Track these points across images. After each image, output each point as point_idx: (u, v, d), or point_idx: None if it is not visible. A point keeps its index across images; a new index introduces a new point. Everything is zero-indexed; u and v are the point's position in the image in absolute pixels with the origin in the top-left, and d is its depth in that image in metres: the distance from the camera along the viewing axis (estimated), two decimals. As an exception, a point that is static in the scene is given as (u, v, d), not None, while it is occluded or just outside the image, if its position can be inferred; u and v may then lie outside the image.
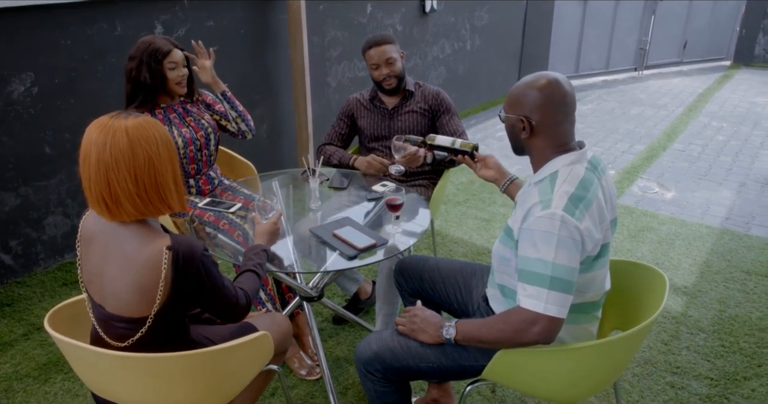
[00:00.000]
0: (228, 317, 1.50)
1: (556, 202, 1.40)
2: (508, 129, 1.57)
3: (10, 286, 2.90)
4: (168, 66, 2.21)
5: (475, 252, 3.28)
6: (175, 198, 1.38)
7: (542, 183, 1.47)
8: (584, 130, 5.52)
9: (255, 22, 3.69)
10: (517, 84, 1.54)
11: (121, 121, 1.31)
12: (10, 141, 2.78)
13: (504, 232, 1.58)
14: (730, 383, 2.27)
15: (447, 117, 2.60)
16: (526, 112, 1.49)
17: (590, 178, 1.46)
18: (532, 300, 1.39)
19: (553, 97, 1.46)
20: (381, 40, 2.50)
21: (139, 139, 1.30)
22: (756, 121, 5.81)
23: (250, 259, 1.69)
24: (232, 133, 2.51)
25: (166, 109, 2.33)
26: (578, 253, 1.39)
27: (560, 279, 1.37)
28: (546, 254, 1.37)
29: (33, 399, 2.20)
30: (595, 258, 1.46)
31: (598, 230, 1.43)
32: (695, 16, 7.91)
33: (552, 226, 1.37)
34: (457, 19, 5.48)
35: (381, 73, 2.51)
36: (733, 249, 3.29)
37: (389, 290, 2.30)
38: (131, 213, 1.32)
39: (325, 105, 4.37)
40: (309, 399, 2.21)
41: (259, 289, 1.67)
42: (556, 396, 1.61)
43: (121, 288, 1.33)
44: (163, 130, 1.37)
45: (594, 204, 1.43)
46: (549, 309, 1.37)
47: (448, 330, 1.54)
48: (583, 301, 1.53)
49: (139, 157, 1.30)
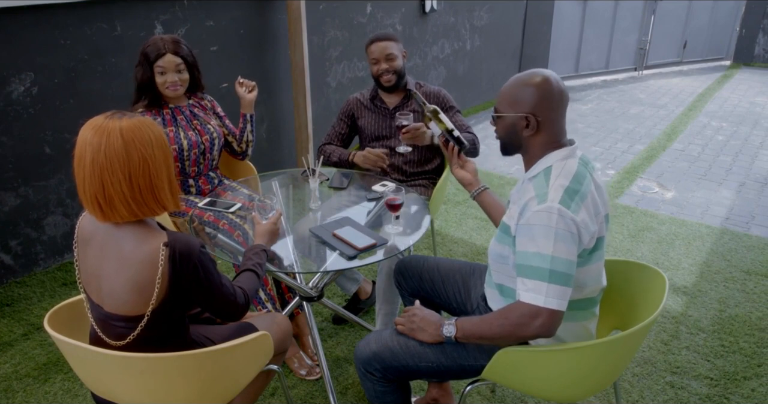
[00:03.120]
0: (226, 315, 1.50)
1: (551, 195, 1.41)
2: (506, 128, 1.55)
3: (9, 286, 2.90)
4: (157, 70, 2.21)
5: (474, 252, 3.28)
6: (169, 198, 1.38)
7: (537, 178, 1.49)
8: (584, 130, 5.52)
9: (254, 22, 3.69)
10: (509, 83, 1.53)
11: (115, 121, 1.29)
12: (9, 141, 2.78)
13: (500, 230, 1.58)
14: (729, 383, 2.27)
15: (450, 114, 2.60)
16: (529, 109, 1.49)
17: (583, 172, 1.48)
18: (532, 294, 1.39)
19: (552, 93, 1.48)
20: (383, 36, 2.53)
21: (133, 140, 1.29)
22: (756, 120, 5.81)
23: (250, 259, 1.69)
24: (234, 151, 2.55)
25: (174, 110, 2.33)
26: (575, 246, 1.40)
27: (559, 272, 1.38)
28: (544, 247, 1.38)
29: (33, 399, 2.20)
30: (591, 252, 1.48)
31: (593, 222, 1.45)
32: (695, 15, 7.91)
33: (549, 220, 1.38)
34: (456, 19, 5.48)
35: (380, 67, 2.52)
36: (732, 249, 3.29)
37: (389, 290, 2.30)
38: (123, 216, 1.32)
39: (325, 105, 4.37)
40: (309, 399, 2.21)
41: (259, 289, 1.67)
42: (556, 396, 1.61)
43: (118, 286, 1.33)
44: (158, 130, 1.36)
45: (588, 197, 1.45)
46: (549, 303, 1.38)
47: (448, 329, 1.54)
48: (582, 297, 1.53)
49: (133, 159, 1.29)
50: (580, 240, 1.41)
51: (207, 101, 2.47)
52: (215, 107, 2.48)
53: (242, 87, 2.46)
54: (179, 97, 2.33)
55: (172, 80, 2.23)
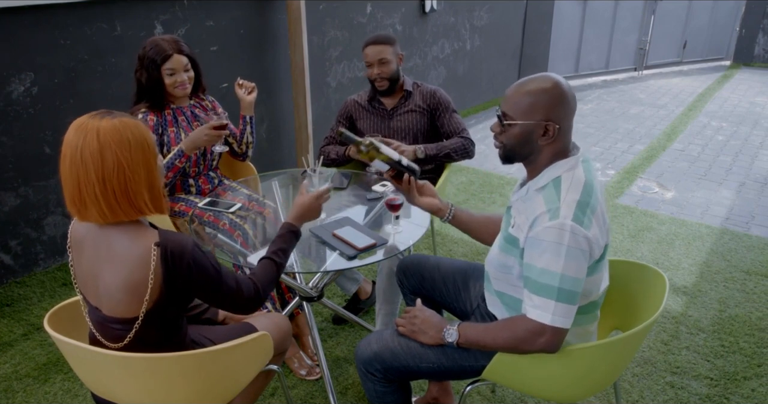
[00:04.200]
0: (235, 309, 1.47)
1: (564, 211, 1.37)
2: (519, 136, 1.46)
3: (9, 286, 2.90)
4: (166, 72, 2.21)
5: (474, 252, 3.28)
6: (148, 203, 1.32)
7: (546, 190, 1.44)
8: (584, 130, 5.52)
9: (254, 22, 3.69)
10: (521, 89, 1.45)
11: (96, 121, 1.26)
12: (9, 141, 2.78)
13: (504, 240, 1.55)
14: (729, 383, 2.27)
15: (446, 116, 2.61)
16: (548, 117, 1.42)
17: (590, 181, 1.44)
18: (538, 311, 1.38)
19: (568, 98, 1.44)
20: (378, 39, 2.52)
21: (110, 143, 1.24)
22: (756, 120, 5.81)
23: (274, 243, 1.61)
24: (235, 152, 2.56)
25: (175, 111, 2.33)
26: (586, 263, 1.38)
27: (568, 291, 1.36)
28: (554, 265, 1.36)
29: (33, 399, 2.20)
30: (598, 261, 1.46)
31: (603, 235, 1.43)
32: (695, 16, 7.91)
33: (561, 237, 1.35)
34: (456, 19, 5.48)
35: (373, 72, 2.53)
36: (732, 249, 3.29)
37: (389, 290, 2.30)
38: (96, 217, 1.29)
39: (324, 105, 4.37)
40: (309, 399, 2.21)
41: (277, 277, 1.57)
42: (556, 396, 1.61)
43: (113, 287, 1.32)
44: (141, 131, 1.30)
45: (598, 208, 1.42)
46: (556, 321, 1.37)
47: (450, 333, 1.53)
48: (586, 303, 1.52)
49: (108, 162, 1.25)
50: (591, 255, 1.39)
51: (208, 102, 2.47)
52: (216, 107, 2.48)
53: (242, 88, 2.46)
54: (183, 97, 2.33)
55: (182, 79, 2.24)
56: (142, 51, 2.21)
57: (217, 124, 2.22)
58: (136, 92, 2.28)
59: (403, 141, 2.61)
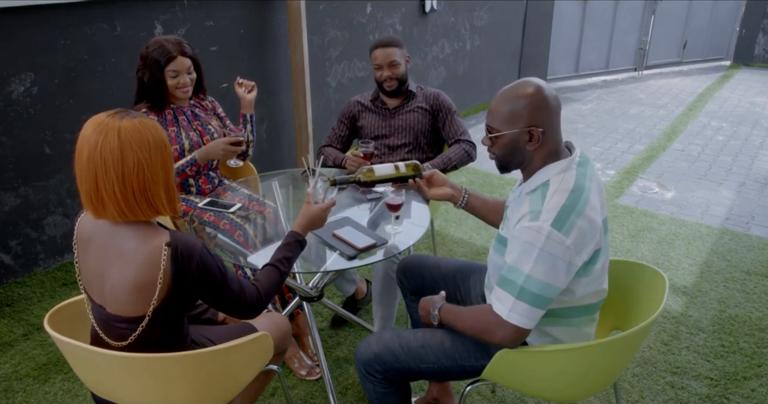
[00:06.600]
0: (236, 314, 1.48)
1: (545, 215, 1.38)
2: (507, 146, 1.48)
3: (9, 286, 2.90)
4: (169, 74, 2.20)
5: (474, 252, 3.28)
6: (165, 204, 1.34)
7: (534, 193, 1.45)
8: (584, 130, 5.52)
9: (254, 22, 3.69)
10: (501, 100, 1.46)
11: (116, 121, 1.27)
12: (9, 141, 2.77)
13: (497, 241, 1.58)
14: (730, 383, 2.28)
15: (448, 118, 2.62)
16: (530, 123, 1.43)
17: (581, 185, 1.43)
18: (498, 303, 1.42)
19: (548, 100, 1.44)
20: (388, 42, 2.55)
21: (131, 142, 1.26)
22: (756, 120, 5.81)
23: (280, 251, 1.63)
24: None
25: (176, 111, 2.33)
26: (562, 270, 1.37)
27: (530, 293, 1.37)
28: (523, 264, 1.37)
29: (33, 399, 2.20)
30: (590, 263, 1.45)
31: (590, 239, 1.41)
32: (695, 16, 7.91)
33: (536, 239, 1.36)
34: (456, 19, 5.48)
35: (383, 74, 2.55)
36: (733, 249, 3.29)
37: (385, 293, 2.30)
38: (114, 215, 1.29)
39: (324, 105, 4.37)
40: (309, 399, 2.21)
41: (280, 285, 1.59)
42: (556, 396, 1.62)
43: (119, 286, 1.32)
44: (160, 133, 1.32)
45: (586, 210, 1.40)
46: (512, 317, 1.39)
47: (434, 317, 1.60)
48: (579, 304, 1.52)
49: (128, 161, 1.26)
50: (570, 263, 1.37)
51: (208, 102, 2.47)
52: (216, 108, 2.48)
53: (241, 87, 2.46)
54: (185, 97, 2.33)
55: (184, 81, 2.23)
56: (145, 51, 2.20)
57: (234, 140, 2.29)
58: (137, 92, 2.27)
59: (403, 140, 2.62)
